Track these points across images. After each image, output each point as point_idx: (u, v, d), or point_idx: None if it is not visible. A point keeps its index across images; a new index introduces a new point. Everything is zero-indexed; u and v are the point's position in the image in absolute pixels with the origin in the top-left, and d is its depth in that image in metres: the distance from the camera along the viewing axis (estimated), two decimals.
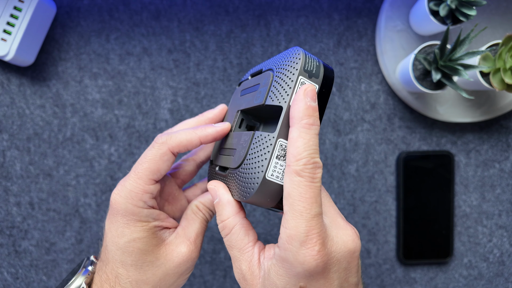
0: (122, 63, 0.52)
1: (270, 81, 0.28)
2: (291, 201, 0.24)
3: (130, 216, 0.29)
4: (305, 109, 0.24)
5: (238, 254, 0.28)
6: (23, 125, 0.52)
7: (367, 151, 0.53)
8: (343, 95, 0.53)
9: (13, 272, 0.52)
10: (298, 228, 0.23)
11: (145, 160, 0.29)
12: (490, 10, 0.51)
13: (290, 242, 0.24)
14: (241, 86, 0.35)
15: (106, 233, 0.30)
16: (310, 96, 0.25)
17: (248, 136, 0.28)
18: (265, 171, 0.25)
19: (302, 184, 0.23)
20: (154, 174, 0.29)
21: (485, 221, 0.54)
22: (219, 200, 0.29)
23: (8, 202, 0.52)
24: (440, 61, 0.44)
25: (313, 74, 0.26)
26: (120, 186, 0.30)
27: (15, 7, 0.46)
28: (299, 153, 0.24)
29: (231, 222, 0.28)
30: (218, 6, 0.52)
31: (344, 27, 0.53)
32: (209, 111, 0.35)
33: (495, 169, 0.54)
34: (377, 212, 0.54)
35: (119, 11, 0.52)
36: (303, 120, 0.24)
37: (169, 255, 0.30)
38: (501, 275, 0.54)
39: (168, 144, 0.29)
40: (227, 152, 0.31)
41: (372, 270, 0.54)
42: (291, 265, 0.24)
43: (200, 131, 0.30)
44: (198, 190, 0.37)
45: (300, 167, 0.24)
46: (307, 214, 0.23)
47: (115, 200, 0.29)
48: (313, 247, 0.23)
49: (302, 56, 0.26)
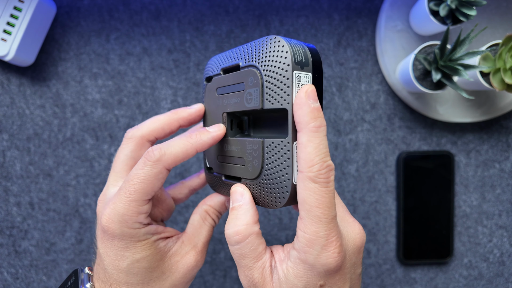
0: (122, 63, 0.52)
1: (260, 81, 0.26)
2: (308, 207, 0.24)
3: (128, 238, 0.27)
4: (310, 112, 0.24)
5: (250, 263, 0.26)
6: (23, 125, 0.52)
7: (367, 151, 0.53)
8: (343, 95, 0.53)
9: (13, 272, 0.52)
10: (318, 233, 0.24)
11: (138, 181, 0.27)
12: (490, 10, 0.51)
13: (311, 246, 0.24)
14: (214, 83, 0.31)
15: (102, 257, 0.28)
16: (312, 97, 0.24)
17: (257, 145, 0.27)
18: (292, 178, 0.25)
19: (318, 190, 0.24)
20: (148, 194, 0.27)
21: (485, 221, 0.54)
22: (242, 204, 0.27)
23: (8, 202, 0.52)
24: (440, 61, 0.44)
25: (303, 63, 0.25)
26: (109, 209, 0.27)
27: (15, 7, 0.46)
28: (311, 159, 0.24)
29: (247, 230, 0.26)
30: (218, 6, 0.52)
31: (344, 27, 0.53)
32: (184, 109, 0.32)
33: (495, 169, 0.54)
34: (377, 212, 0.54)
35: (119, 11, 0.52)
36: (310, 124, 0.24)
37: (175, 266, 0.29)
38: (501, 275, 0.54)
39: (163, 162, 0.27)
40: (233, 161, 0.29)
41: (372, 270, 0.54)
42: (312, 266, 0.24)
43: (195, 140, 0.28)
44: (185, 188, 0.36)
45: (314, 173, 0.24)
46: (325, 219, 0.24)
47: (108, 227, 0.27)
48: (334, 250, 0.24)
49: (288, 48, 0.24)
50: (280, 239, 0.54)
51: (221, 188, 0.32)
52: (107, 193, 0.30)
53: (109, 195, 0.30)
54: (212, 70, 0.32)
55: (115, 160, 0.32)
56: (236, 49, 0.29)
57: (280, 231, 0.53)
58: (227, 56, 0.30)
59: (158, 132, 0.31)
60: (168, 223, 0.53)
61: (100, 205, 0.31)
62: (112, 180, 0.31)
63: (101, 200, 0.31)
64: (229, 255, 0.54)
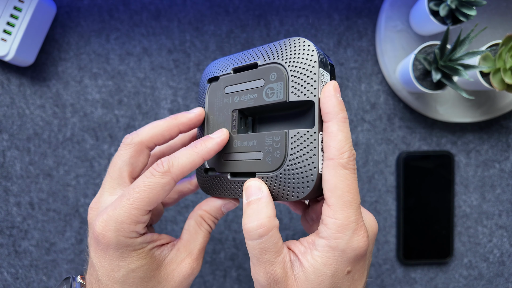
0: (122, 63, 0.52)
1: (285, 76, 0.28)
2: (340, 193, 0.25)
3: (124, 248, 0.27)
4: (339, 103, 0.26)
5: (273, 257, 0.26)
6: (23, 125, 0.52)
7: (367, 151, 0.53)
8: (343, 95, 0.53)
9: (13, 272, 0.52)
10: (350, 218, 0.25)
11: (144, 189, 0.26)
12: (490, 10, 0.51)
13: (342, 231, 0.25)
14: (221, 82, 0.32)
15: (96, 267, 0.28)
16: (338, 91, 0.26)
17: (280, 136, 0.27)
18: (318, 166, 0.26)
19: (349, 176, 0.25)
20: (152, 204, 0.27)
21: (485, 221, 0.54)
22: (262, 197, 0.27)
23: (8, 202, 0.52)
24: (440, 61, 0.44)
25: (325, 64, 0.27)
26: (106, 216, 0.26)
27: (15, 7, 0.46)
28: (342, 146, 0.25)
29: (271, 222, 0.26)
30: (218, 6, 0.52)
31: (344, 27, 0.53)
32: (183, 114, 0.31)
33: (495, 169, 0.54)
34: (377, 212, 0.54)
35: (119, 11, 0.52)
36: (339, 115, 0.25)
37: (171, 275, 0.29)
38: (501, 275, 0.54)
39: (172, 174, 0.26)
40: (244, 157, 0.29)
41: (372, 270, 0.54)
42: (343, 252, 0.25)
43: (200, 149, 0.28)
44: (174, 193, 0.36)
45: (345, 160, 0.25)
46: (355, 203, 0.25)
47: (103, 235, 0.26)
48: (364, 233, 0.25)
49: (314, 48, 0.27)
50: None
51: (221, 189, 0.31)
52: (102, 200, 0.29)
53: (104, 202, 0.29)
54: (218, 70, 0.32)
55: (111, 166, 0.30)
56: (248, 51, 0.31)
57: (280, 231, 0.53)
58: (237, 57, 0.31)
59: (157, 139, 0.31)
60: (168, 223, 0.53)
61: (92, 213, 0.29)
62: (108, 187, 0.30)
63: (93, 208, 0.30)
64: (229, 255, 0.54)
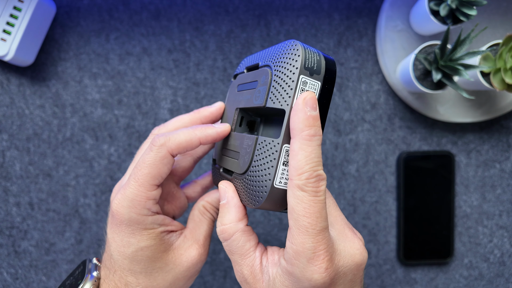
0: (122, 63, 0.52)
1: (269, 80, 0.27)
2: (296, 216, 0.23)
3: (135, 225, 0.28)
4: (306, 119, 0.23)
5: (239, 259, 0.27)
6: (22, 125, 0.52)
7: (367, 151, 0.53)
8: (343, 95, 0.53)
9: (12, 272, 0.52)
10: (305, 245, 0.23)
11: (145, 165, 0.28)
12: (490, 10, 0.51)
13: (297, 258, 0.23)
14: (237, 80, 0.33)
15: (109, 242, 0.29)
16: (310, 105, 0.24)
17: (252, 141, 0.27)
18: (273, 179, 0.25)
19: (306, 198, 0.23)
20: (155, 179, 0.28)
21: (486, 221, 0.54)
22: (226, 202, 0.28)
23: (8, 202, 0.52)
24: (440, 61, 0.44)
25: (314, 70, 0.25)
26: (120, 195, 0.28)
27: (15, 7, 0.46)
28: (300, 166, 0.23)
29: (232, 228, 0.27)
30: (218, 6, 0.52)
31: (344, 27, 0.53)
32: (206, 108, 0.33)
33: (496, 169, 0.54)
34: (378, 213, 0.54)
35: (119, 11, 0.52)
36: (303, 132, 0.23)
37: (178, 259, 0.30)
38: (501, 275, 0.54)
39: (167, 147, 0.28)
40: (231, 155, 0.30)
41: (372, 271, 0.54)
42: (298, 279, 0.24)
43: (199, 131, 0.29)
44: (198, 187, 0.37)
45: (303, 182, 0.23)
46: (312, 229, 0.23)
47: (117, 211, 0.28)
48: (321, 265, 0.23)
49: (301, 52, 0.24)
50: (280, 239, 0.53)
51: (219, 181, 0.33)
52: (123, 181, 0.32)
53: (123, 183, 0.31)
54: (240, 68, 0.34)
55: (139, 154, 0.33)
56: (264, 50, 0.31)
57: (280, 231, 0.53)
58: (255, 56, 0.32)
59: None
60: None
61: (113, 193, 0.32)
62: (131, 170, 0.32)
63: (115, 188, 0.32)
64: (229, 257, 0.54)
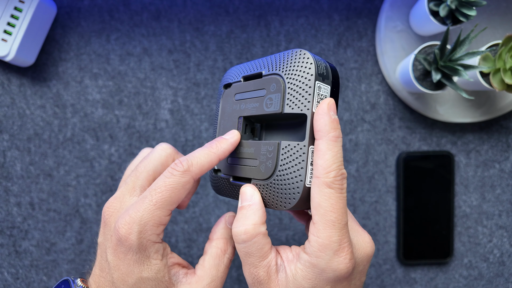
0: (123, 64, 0.52)
1: (282, 87, 0.28)
2: (323, 212, 0.25)
3: (143, 252, 0.27)
4: (331, 122, 0.25)
5: (256, 261, 0.27)
6: (23, 125, 0.52)
7: (367, 152, 0.53)
8: (343, 95, 0.53)
9: (13, 272, 0.52)
10: (332, 238, 0.25)
11: (166, 189, 0.26)
12: (490, 10, 0.51)
13: (323, 251, 0.25)
14: (233, 89, 0.33)
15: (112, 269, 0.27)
16: (333, 109, 0.26)
17: (273, 146, 0.28)
18: (305, 179, 0.26)
19: (333, 195, 0.25)
20: (174, 204, 0.27)
21: (485, 221, 0.54)
22: (252, 204, 0.28)
23: (9, 202, 0.52)
24: (440, 62, 0.44)
25: (324, 76, 0.27)
26: (128, 218, 0.26)
27: (16, 7, 0.46)
28: (328, 165, 0.25)
29: (255, 230, 0.27)
30: (218, 7, 0.52)
31: (344, 27, 0.53)
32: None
33: (495, 170, 0.54)
34: (377, 212, 0.54)
35: (120, 12, 0.52)
36: (330, 134, 0.25)
37: None
38: (501, 275, 0.54)
39: (191, 173, 0.27)
40: (244, 162, 0.30)
41: (372, 270, 0.54)
42: (323, 271, 0.25)
43: (216, 149, 0.29)
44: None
45: (331, 179, 0.25)
46: (338, 224, 0.25)
47: (126, 238, 0.26)
48: (346, 256, 0.25)
49: (313, 60, 0.27)
50: (280, 239, 0.54)
51: (226, 190, 0.33)
52: (124, 200, 0.29)
53: (125, 203, 0.29)
54: (232, 77, 0.34)
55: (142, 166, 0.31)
56: (258, 60, 0.32)
57: (280, 231, 0.54)
58: (248, 66, 0.33)
59: None
60: (168, 223, 0.53)
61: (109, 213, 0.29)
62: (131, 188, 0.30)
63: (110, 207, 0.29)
64: None
